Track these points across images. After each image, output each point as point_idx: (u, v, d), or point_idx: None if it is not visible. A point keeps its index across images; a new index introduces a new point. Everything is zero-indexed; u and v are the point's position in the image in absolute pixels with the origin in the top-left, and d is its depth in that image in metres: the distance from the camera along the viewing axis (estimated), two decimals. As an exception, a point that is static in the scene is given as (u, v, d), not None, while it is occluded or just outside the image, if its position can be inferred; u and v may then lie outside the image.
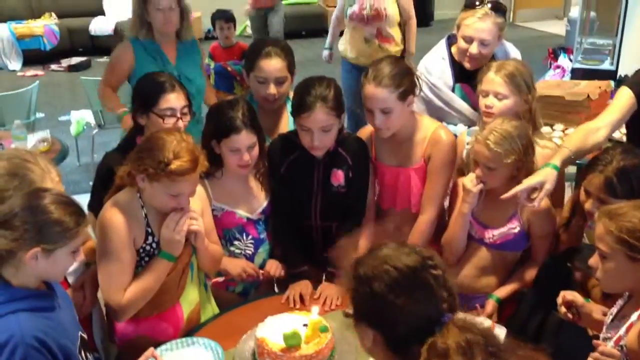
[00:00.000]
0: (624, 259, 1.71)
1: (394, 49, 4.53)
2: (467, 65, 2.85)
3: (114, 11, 8.77)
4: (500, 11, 2.79)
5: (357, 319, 1.42)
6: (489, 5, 2.76)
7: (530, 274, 2.32)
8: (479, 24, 2.75)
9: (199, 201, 2.20)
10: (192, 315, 2.25)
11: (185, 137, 2.02)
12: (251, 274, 2.44)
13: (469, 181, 2.29)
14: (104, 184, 2.41)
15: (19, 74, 8.09)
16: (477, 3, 2.78)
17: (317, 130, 2.32)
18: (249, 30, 9.50)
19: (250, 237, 2.49)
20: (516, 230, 2.33)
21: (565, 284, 2.14)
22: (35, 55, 8.48)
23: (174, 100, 2.40)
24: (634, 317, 1.72)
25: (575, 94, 3.50)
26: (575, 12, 6.81)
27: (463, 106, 2.89)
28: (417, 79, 2.44)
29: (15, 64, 8.33)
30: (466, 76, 2.89)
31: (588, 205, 2.13)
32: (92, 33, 9.04)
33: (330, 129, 2.35)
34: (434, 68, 2.96)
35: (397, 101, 2.33)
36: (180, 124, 2.41)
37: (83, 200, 2.38)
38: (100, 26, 8.97)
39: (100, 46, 8.69)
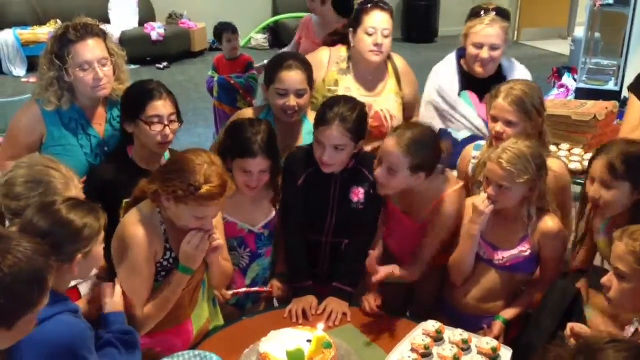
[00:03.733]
0: None
1: None
2: (478, 70, 2.92)
3: (119, 19, 8.81)
4: (504, 16, 2.92)
5: None
6: (494, 12, 2.88)
7: (539, 295, 2.29)
8: (487, 30, 2.85)
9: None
10: (202, 331, 2.24)
11: (214, 159, 2.00)
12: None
13: (481, 202, 2.26)
14: (97, 196, 2.40)
15: (24, 80, 8.09)
16: (482, 12, 2.89)
17: (329, 146, 2.33)
18: (253, 42, 9.58)
19: (248, 250, 2.48)
20: (527, 253, 2.30)
21: (573, 307, 2.13)
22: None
23: (161, 107, 2.37)
24: None
25: (581, 114, 3.50)
26: (580, 32, 6.85)
27: (467, 111, 2.94)
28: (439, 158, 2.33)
29: (19, 70, 8.33)
30: (472, 85, 2.96)
31: (592, 191, 2.18)
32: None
33: (343, 148, 2.35)
34: (443, 73, 3.04)
35: (406, 169, 2.27)
36: (168, 131, 2.38)
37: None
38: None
39: (105, 54, 8.70)
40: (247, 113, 2.81)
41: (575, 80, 6.20)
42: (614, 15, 6.03)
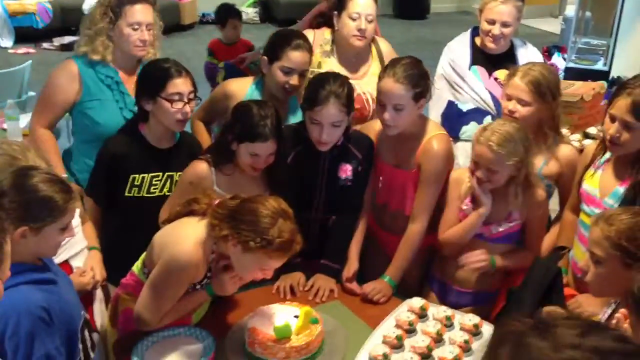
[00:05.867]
0: (618, 265, 1.73)
1: None
2: (490, 45, 3.00)
3: (108, -9, 8.70)
4: None
5: None
6: None
7: (529, 258, 2.36)
8: (500, 7, 2.94)
9: None
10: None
11: (284, 207, 1.95)
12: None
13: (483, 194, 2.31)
14: (106, 169, 2.47)
15: (10, 51, 8.01)
16: None
17: (327, 124, 2.35)
18: (244, 17, 9.42)
19: None
20: (514, 224, 2.36)
21: (554, 284, 2.18)
22: (27, 33, 8.37)
23: (181, 85, 2.42)
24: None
25: (569, 95, 3.54)
26: (570, 10, 6.82)
27: (476, 83, 3.03)
28: (431, 85, 2.47)
29: (6, 41, 8.23)
30: (483, 60, 3.06)
31: (612, 130, 2.14)
32: (86, 12, 8.93)
33: (340, 124, 2.38)
34: (455, 47, 3.15)
35: (410, 100, 2.36)
36: (188, 108, 2.44)
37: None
38: (94, 5, 8.85)
39: (93, 26, 8.59)
40: (238, 83, 2.83)
41: (564, 59, 6.21)
42: (605, -6, 6.02)
